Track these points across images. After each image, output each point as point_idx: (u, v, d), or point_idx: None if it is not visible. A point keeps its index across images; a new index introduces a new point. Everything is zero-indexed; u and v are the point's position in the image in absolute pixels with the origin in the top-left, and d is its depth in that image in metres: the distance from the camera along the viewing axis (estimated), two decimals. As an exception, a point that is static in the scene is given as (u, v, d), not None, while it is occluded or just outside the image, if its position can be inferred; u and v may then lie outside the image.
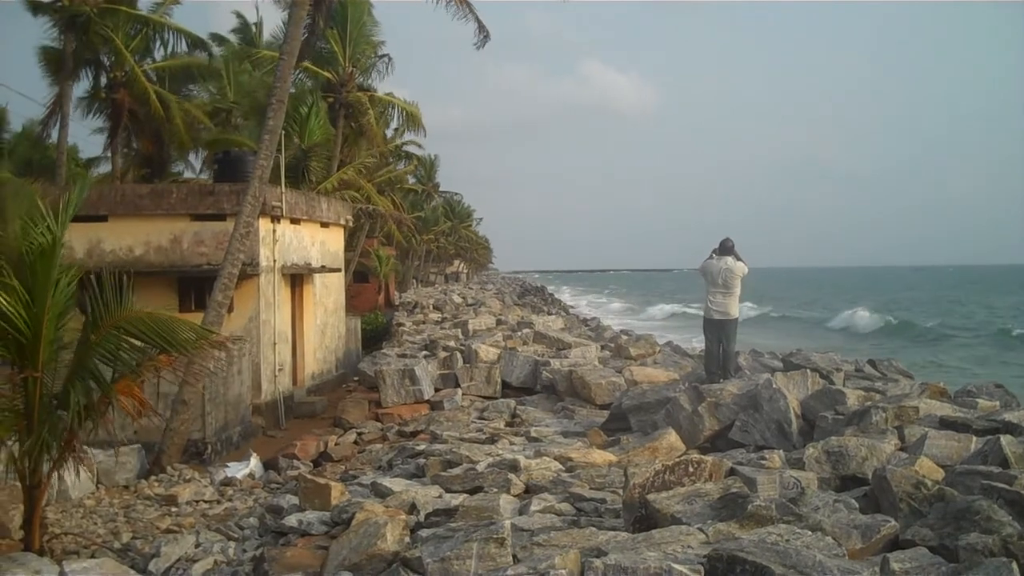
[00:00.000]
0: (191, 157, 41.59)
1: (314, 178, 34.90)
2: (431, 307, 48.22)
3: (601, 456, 13.48)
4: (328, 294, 28.44)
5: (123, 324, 10.85)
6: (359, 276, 48.67)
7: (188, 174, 43.45)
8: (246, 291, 21.99)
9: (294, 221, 25.06)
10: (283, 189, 23.70)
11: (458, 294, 61.71)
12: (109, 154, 38.03)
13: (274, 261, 23.29)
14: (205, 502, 14.41)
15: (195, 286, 22.28)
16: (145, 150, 38.55)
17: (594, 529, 8.77)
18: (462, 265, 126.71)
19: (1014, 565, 5.95)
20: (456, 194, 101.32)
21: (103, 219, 22.28)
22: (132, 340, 10.95)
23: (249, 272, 21.46)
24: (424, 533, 9.34)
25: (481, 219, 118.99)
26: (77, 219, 11.19)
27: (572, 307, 71.08)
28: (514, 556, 7.60)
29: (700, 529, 7.83)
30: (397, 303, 52.03)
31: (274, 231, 23.34)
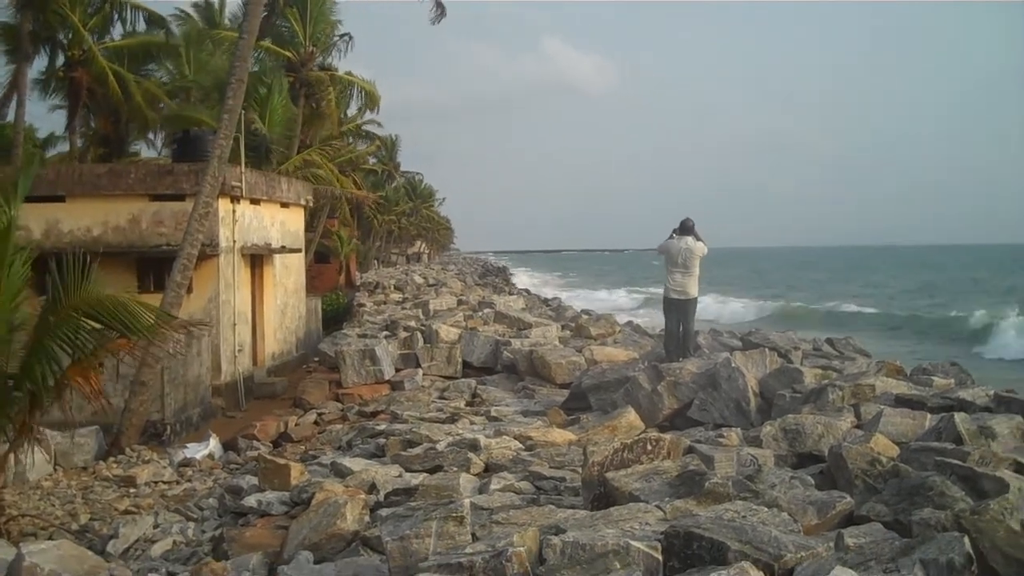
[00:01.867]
0: (151, 136, 41.21)
1: (275, 159, 34.73)
2: (392, 287, 48.14)
3: (561, 435, 13.54)
4: (288, 275, 28.32)
5: (83, 306, 10.78)
6: (320, 256, 48.46)
7: (148, 153, 43.12)
8: (205, 272, 21.86)
9: (254, 201, 24.93)
10: (243, 169, 23.56)
11: (419, 274, 61.61)
12: (67, 134, 37.68)
13: (234, 242, 23.15)
14: (164, 483, 14.33)
15: (154, 267, 22.10)
16: (104, 130, 38.20)
17: (553, 507, 8.82)
18: (424, 246, 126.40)
19: (966, 539, 6.02)
20: (418, 174, 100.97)
21: (61, 199, 22.04)
22: (91, 323, 10.89)
23: (208, 253, 21.34)
24: (384, 512, 9.36)
25: (443, 199, 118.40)
26: (34, 199, 11.12)
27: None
28: (473, 534, 7.62)
29: (658, 506, 7.88)
30: (358, 283, 51.86)
31: (234, 211, 23.20)
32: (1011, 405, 11.49)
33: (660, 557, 6.57)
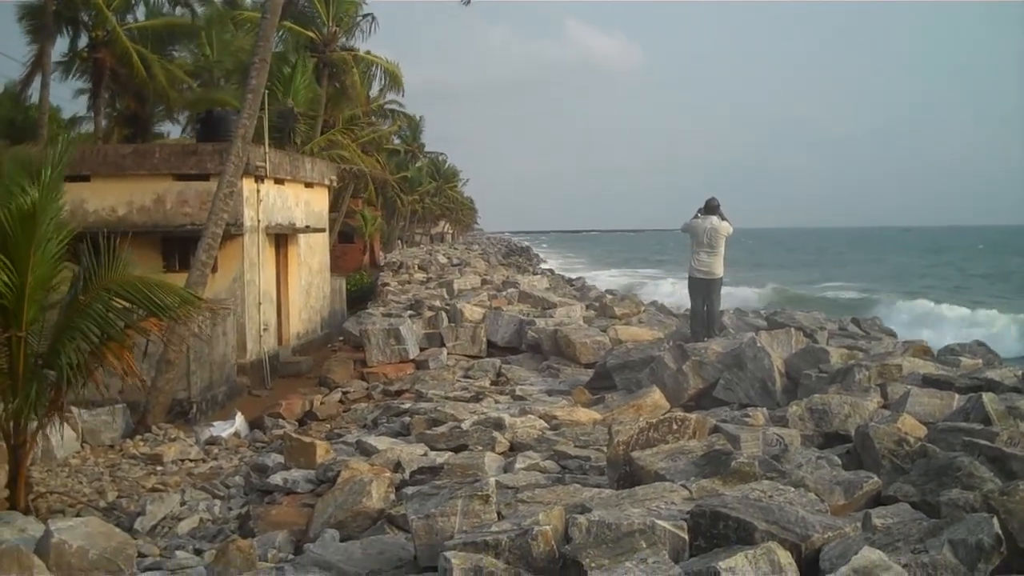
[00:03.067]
0: (175, 117, 41.33)
1: (299, 140, 34.80)
2: (416, 267, 48.15)
3: (586, 414, 13.53)
4: (313, 254, 28.38)
5: (112, 286, 10.87)
6: (344, 236, 48.58)
7: (173, 133, 43.22)
8: (230, 251, 21.92)
9: (278, 181, 24.98)
10: (267, 149, 23.61)
11: (443, 254, 61.64)
12: (92, 114, 37.78)
13: (258, 221, 23.21)
14: (191, 461, 14.41)
15: (179, 246, 22.22)
16: (128, 110, 38.33)
17: (578, 486, 8.82)
18: (447, 226, 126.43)
19: (994, 520, 5.97)
20: (441, 154, 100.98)
21: (86, 179, 22.13)
22: (121, 302, 10.98)
23: (233, 232, 21.40)
24: (409, 491, 9.36)
25: (467, 180, 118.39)
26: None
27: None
28: (499, 513, 7.62)
29: (684, 486, 7.85)
30: (382, 263, 51.93)
31: (258, 191, 23.25)
32: (1039, 385, 11.43)
33: (686, 536, 6.55)
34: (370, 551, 7.92)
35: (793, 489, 7.42)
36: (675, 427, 9.41)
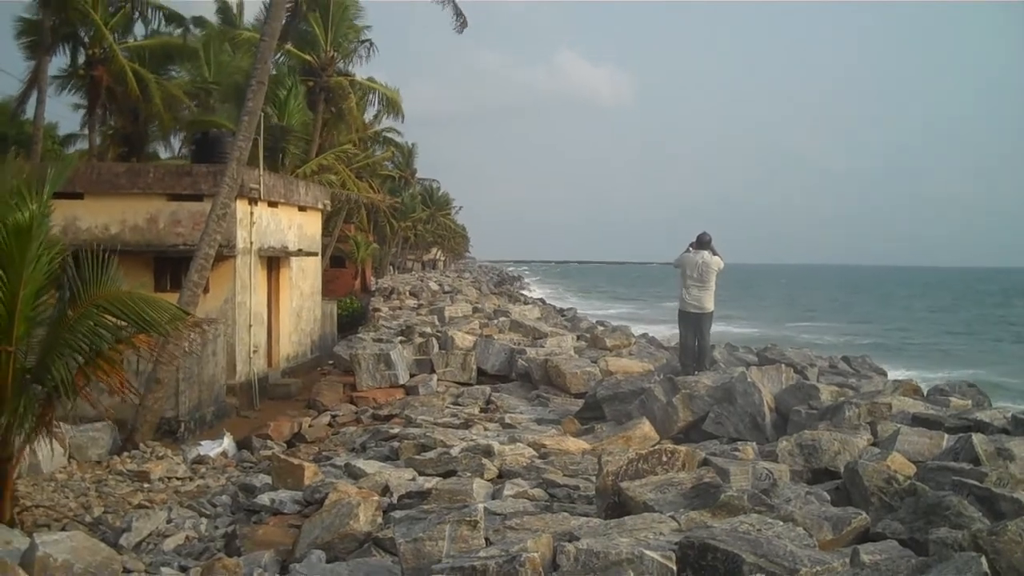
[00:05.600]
0: (171, 138, 41.37)
1: (289, 162, 34.85)
2: (408, 293, 48.16)
3: (575, 444, 13.54)
4: (304, 278, 28.39)
5: (102, 302, 10.87)
6: (336, 261, 48.57)
7: (166, 154, 43.25)
8: (222, 272, 21.92)
9: (272, 204, 25.00)
10: (261, 171, 23.64)
11: (435, 281, 61.69)
12: (87, 131, 37.80)
13: (251, 243, 23.23)
14: (177, 479, 14.38)
15: (171, 266, 22.18)
16: (123, 129, 38.36)
17: (567, 515, 8.82)
18: (439, 253, 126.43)
19: (983, 559, 5.99)
20: (434, 181, 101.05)
21: (79, 196, 22.14)
22: (110, 318, 10.97)
23: (226, 253, 21.41)
24: (397, 515, 9.37)
25: (460, 208, 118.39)
26: (53, 196, 11.17)
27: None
28: (487, 539, 7.63)
29: (672, 517, 7.87)
30: (374, 289, 51.91)
31: (251, 213, 23.28)
32: (1028, 426, 11.46)
33: (674, 567, 6.58)
34: (356, 573, 7.93)
35: (781, 523, 7.45)
36: (664, 459, 9.41)
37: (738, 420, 14.01)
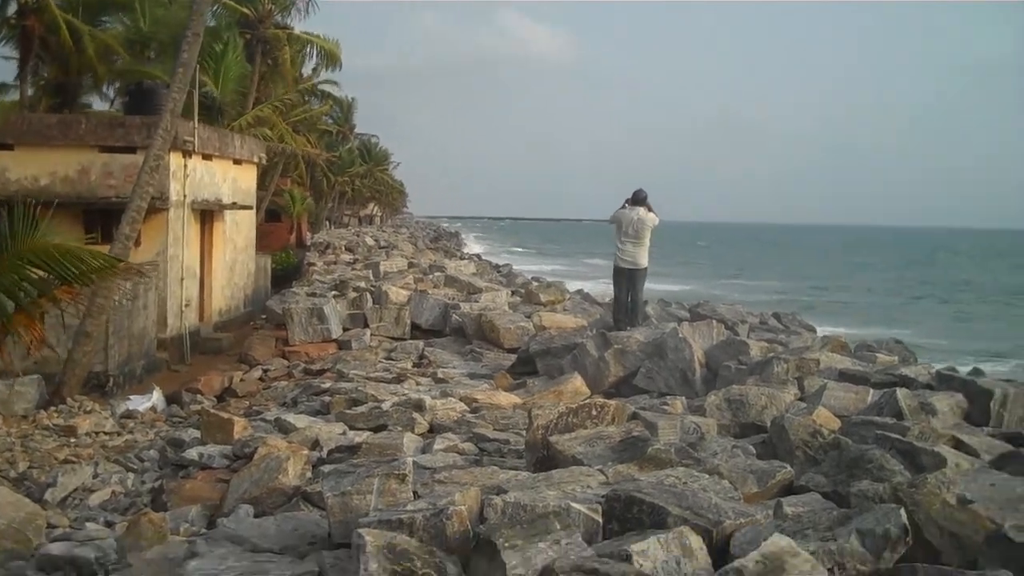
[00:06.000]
0: (104, 90, 40.65)
1: (226, 117, 34.43)
2: (343, 248, 47.90)
3: (506, 398, 13.57)
4: (238, 231, 28.15)
5: (28, 254, 10.66)
6: (271, 215, 48.15)
7: (100, 105, 42.49)
8: (154, 225, 21.66)
9: (206, 157, 24.74)
10: (196, 124, 23.35)
11: (371, 236, 61.31)
12: (18, 83, 37.04)
13: (184, 196, 22.98)
14: (105, 434, 14.22)
15: (102, 219, 21.83)
16: (55, 79, 37.62)
17: (496, 468, 8.83)
18: (376, 208, 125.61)
19: (902, 511, 6.07)
20: (373, 136, 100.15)
21: (9, 148, 21.83)
22: (36, 271, 10.77)
23: (158, 206, 21.15)
24: (326, 469, 9.33)
25: (398, 164, 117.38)
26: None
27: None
28: (415, 492, 7.61)
29: (600, 470, 7.89)
30: (309, 244, 51.56)
31: (185, 166, 23.02)
32: (952, 383, 11.60)
33: (600, 519, 6.60)
34: (284, 527, 7.88)
35: (708, 476, 7.50)
36: (594, 413, 9.45)
37: (668, 375, 14.09)
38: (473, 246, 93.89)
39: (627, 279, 17.21)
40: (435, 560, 5.89)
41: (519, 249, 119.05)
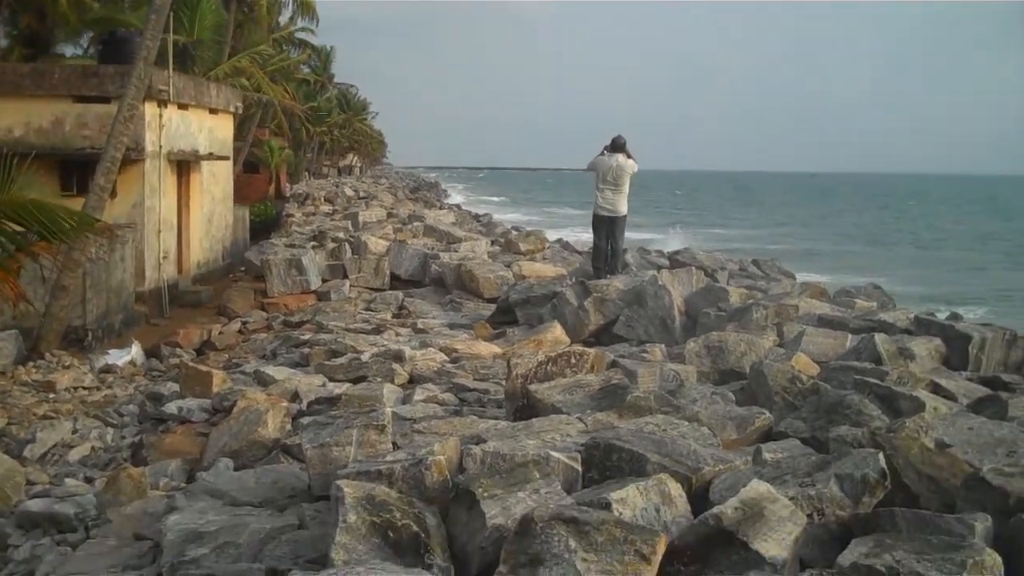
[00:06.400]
0: (79, 38, 40.20)
1: (199, 67, 34.08)
2: (322, 199, 47.79)
3: (486, 348, 13.56)
4: (216, 182, 27.94)
5: (4, 208, 10.57)
6: (250, 166, 47.84)
7: (74, 54, 42.07)
8: (130, 176, 21.48)
9: (181, 106, 24.50)
10: (171, 73, 23.12)
11: (350, 187, 61.15)
12: (-10, 32, 36.66)
13: (160, 146, 22.75)
14: (84, 389, 14.16)
15: (77, 170, 21.67)
16: (28, 29, 37.21)
17: (475, 418, 8.86)
18: (356, 159, 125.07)
19: (880, 456, 6.09)
20: (351, 86, 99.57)
21: (-18, 98, 21.59)
22: (12, 225, 10.68)
23: (134, 157, 20.96)
24: (305, 421, 9.32)
25: (377, 113, 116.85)
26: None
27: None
28: (394, 443, 7.60)
29: (579, 419, 7.89)
30: (288, 195, 51.33)
31: (160, 116, 22.77)
32: (931, 327, 11.66)
33: (579, 468, 6.60)
34: (263, 480, 7.87)
35: (687, 423, 7.50)
36: (573, 361, 9.45)
37: (648, 323, 14.09)
38: (455, 196, 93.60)
39: (607, 227, 17.19)
40: (414, 511, 5.87)
41: (498, 199, 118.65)
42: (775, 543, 5.21)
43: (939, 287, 39.76)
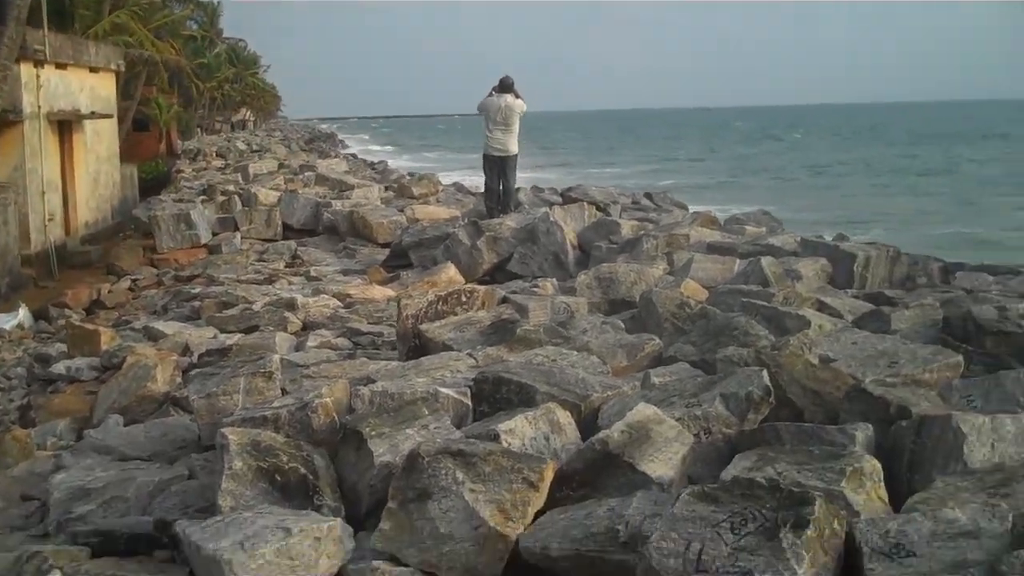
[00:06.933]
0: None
1: (79, 25, 33.25)
2: (214, 154, 47.12)
3: (380, 292, 13.48)
4: (100, 141, 27.42)
5: None
6: (139, 125, 46.87)
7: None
8: (10, 139, 21.01)
9: (60, 66, 23.95)
10: (45, 32, 22.54)
11: (243, 141, 60.39)
12: None
13: (39, 107, 22.23)
14: (-30, 354, 13.86)
15: (-46, 134, 21.16)
16: None
17: (366, 360, 8.79)
18: (249, 113, 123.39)
19: (764, 373, 6.15)
20: (241, 40, 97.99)
21: None
22: None
23: (12, 119, 20.54)
24: (195, 373, 9.20)
25: (268, 67, 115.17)
26: None
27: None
28: (283, 389, 7.52)
29: (470, 354, 7.89)
30: (180, 152, 50.51)
31: (38, 76, 22.23)
32: (817, 248, 11.84)
33: (470, 402, 6.59)
34: (153, 433, 7.76)
35: (576, 353, 7.53)
36: (464, 299, 9.42)
37: (542, 259, 14.12)
38: (353, 147, 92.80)
39: (498, 167, 17.16)
40: (302, 454, 5.81)
41: (392, 147, 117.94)
42: (662, 463, 5.24)
43: (829, 212, 40.45)
